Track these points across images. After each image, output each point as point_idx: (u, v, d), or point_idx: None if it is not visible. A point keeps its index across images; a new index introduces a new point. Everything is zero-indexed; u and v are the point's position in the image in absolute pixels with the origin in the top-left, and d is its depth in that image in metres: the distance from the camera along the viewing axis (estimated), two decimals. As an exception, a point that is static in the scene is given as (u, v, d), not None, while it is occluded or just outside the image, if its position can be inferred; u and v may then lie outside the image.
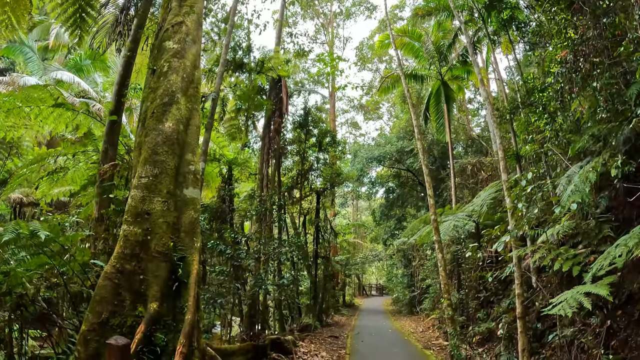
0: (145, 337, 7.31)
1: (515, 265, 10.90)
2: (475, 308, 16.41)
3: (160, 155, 9.04)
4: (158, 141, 9.13)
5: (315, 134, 24.43)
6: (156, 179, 8.84)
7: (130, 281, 7.91)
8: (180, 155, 9.42)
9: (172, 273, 8.37)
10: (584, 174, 9.48)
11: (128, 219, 8.41)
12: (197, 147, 9.90)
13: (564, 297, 7.83)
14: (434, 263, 20.46)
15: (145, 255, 8.25)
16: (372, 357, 15.22)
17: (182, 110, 9.63)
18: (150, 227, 8.48)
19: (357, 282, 61.74)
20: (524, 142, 16.10)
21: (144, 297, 7.91)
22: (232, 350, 11.27)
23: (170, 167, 9.09)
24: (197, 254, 8.69)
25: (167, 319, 7.90)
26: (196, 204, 9.34)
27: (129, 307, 7.72)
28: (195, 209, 9.26)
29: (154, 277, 8.13)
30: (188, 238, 8.87)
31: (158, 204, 8.70)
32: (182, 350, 7.13)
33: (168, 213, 8.79)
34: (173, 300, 8.20)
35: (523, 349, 10.51)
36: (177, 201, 9.11)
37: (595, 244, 9.61)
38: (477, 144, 31.43)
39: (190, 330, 7.44)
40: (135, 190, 8.72)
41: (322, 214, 26.26)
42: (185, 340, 7.27)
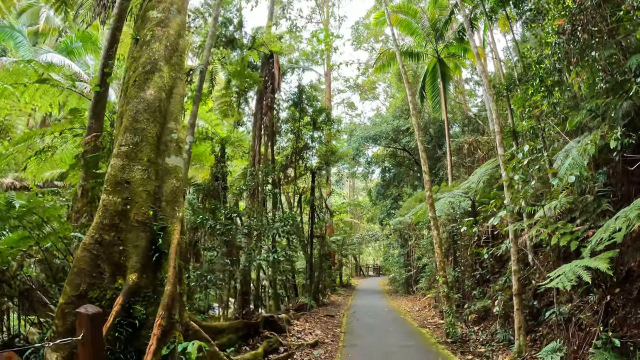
0: (123, 309, 7.05)
1: (512, 241, 10.67)
2: (471, 286, 16.24)
3: (141, 123, 8.72)
4: (139, 109, 8.80)
5: (310, 113, 24.07)
6: (136, 147, 8.52)
7: (109, 252, 7.61)
8: (162, 124, 9.08)
9: (152, 243, 8.07)
10: (582, 147, 9.22)
11: (107, 188, 8.11)
12: (180, 115, 9.54)
13: (562, 271, 7.59)
14: (430, 242, 20.28)
15: (125, 226, 7.95)
16: (367, 335, 15.07)
17: (165, 78, 9.29)
18: (129, 196, 8.18)
19: (354, 262, 61.79)
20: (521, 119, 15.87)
21: (123, 268, 7.63)
22: (222, 328, 11.01)
23: (151, 135, 8.77)
24: (178, 224, 8.39)
25: (147, 291, 7.62)
26: (178, 172, 9.02)
27: (109, 279, 7.43)
28: (178, 178, 8.93)
29: (133, 248, 7.84)
30: (169, 207, 8.56)
31: (138, 172, 8.38)
32: (160, 323, 6.88)
33: (148, 182, 8.47)
34: (153, 272, 7.90)
35: (519, 327, 10.33)
36: (158, 170, 8.79)
37: (594, 218, 9.37)
38: (474, 123, 31.12)
39: (169, 303, 7.16)
40: (115, 159, 8.40)
41: (317, 192, 26.01)
42: (164, 313, 7.01)
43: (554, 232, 8.97)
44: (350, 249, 47.17)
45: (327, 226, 33.98)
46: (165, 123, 9.13)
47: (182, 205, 8.86)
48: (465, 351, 11.99)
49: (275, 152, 23.97)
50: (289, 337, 13.25)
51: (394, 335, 15.00)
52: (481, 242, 16.55)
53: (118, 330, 6.88)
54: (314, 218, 25.19)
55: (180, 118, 9.60)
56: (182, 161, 9.15)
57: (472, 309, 14.85)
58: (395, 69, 31.35)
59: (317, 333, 14.99)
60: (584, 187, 9.83)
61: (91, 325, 4.61)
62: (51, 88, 12.58)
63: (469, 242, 17.49)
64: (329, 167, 26.03)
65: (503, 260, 15.84)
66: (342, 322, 18.34)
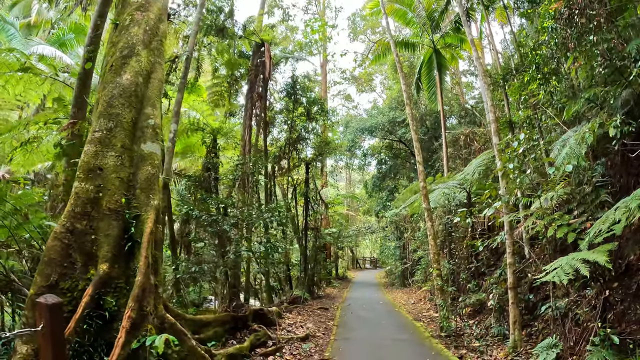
0: (93, 300, 6.73)
1: (507, 233, 10.37)
2: (466, 279, 15.97)
3: (116, 108, 8.36)
4: (114, 94, 8.44)
5: (304, 103, 23.69)
6: (110, 133, 8.16)
7: (81, 241, 7.26)
8: (138, 109, 8.73)
9: (125, 232, 7.74)
10: (579, 135, 8.91)
11: (80, 175, 7.75)
12: (158, 101, 9.15)
13: (559, 264, 7.28)
14: (425, 234, 20.01)
15: (97, 214, 7.60)
16: (360, 329, 14.82)
17: (143, 63, 8.92)
18: (102, 183, 7.82)
19: (350, 255, 61.58)
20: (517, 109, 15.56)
21: (96, 258, 7.28)
22: (207, 321, 10.66)
23: (126, 120, 8.42)
24: (153, 212, 8.02)
25: (119, 281, 7.29)
26: (154, 159, 8.64)
27: (81, 270, 7.08)
28: (154, 165, 8.55)
29: (105, 237, 7.49)
30: (144, 195, 8.20)
31: (111, 158, 8.03)
32: (130, 315, 6.55)
33: (122, 168, 8.12)
34: (126, 262, 7.57)
35: (514, 321, 10.06)
36: (133, 156, 8.44)
37: (592, 210, 9.07)
38: (471, 115, 30.78)
39: (140, 294, 6.83)
40: (89, 145, 8.05)
41: (312, 184, 25.70)
42: (134, 304, 6.68)
43: (550, 224, 8.66)
44: (347, 241, 46.96)
45: (323, 218, 33.72)
46: (142, 108, 8.75)
47: (159, 193, 8.48)
48: (459, 345, 11.72)
49: (269, 143, 23.65)
50: (278, 330, 12.95)
51: (387, 329, 14.75)
52: (477, 234, 16.28)
53: (87, 322, 6.57)
54: (308, 210, 24.91)
55: (159, 104, 9.21)
56: (158, 147, 8.76)
57: (466, 302, 14.59)
58: (391, 60, 30.98)
59: (308, 326, 14.71)
60: (581, 177, 9.52)
61: (50, 315, 4.35)
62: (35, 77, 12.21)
63: (464, 234, 17.22)
64: (322, 158, 25.67)
65: (499, 253, 15.59)
66: (336, 315, 18.08)
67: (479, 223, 16.54)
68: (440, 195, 16.90)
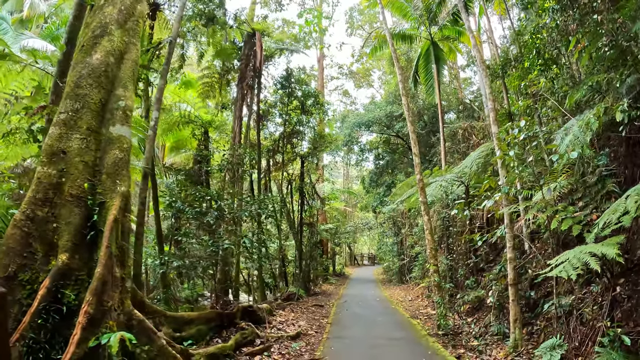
0: (50, 293, 6.20)
1: (507, 227, 9.83)
2: (465, 275, 15.45)
3: (84, 89, 7.81)
4: (83, 74, 7.89)
5: (299, 96, 23.12)
6: (76, 114, 7.61)
7: (42, 230, 6.73)
8: (109, 90, 8.17)
9: (88, 220, 7.20)
10: (584, 121, 8.38)
11: (43, 159, 7.20)
12: (131, 82, 8.56)
13: (565, 258, 6.73)
14: (423, 229, 19.51)
15: (59, 200, 7.06)
16: (354, 327, 14.35)
17: (115, 43, 8.36)
18: (65, 167, 7.26)
19: (348, 251, 61.22)
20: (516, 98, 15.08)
21: (57, 248, 6.75)
22: (190, 318, 10.12)
23: (94, 101, 7.86)
24: (119, 199, 7.47)
25: (80, 273, 6.73)
26: (123, 142, 8.08)
27: (42, 260, 6.55)
28: (122, 149, 7.99)
29: (65, 225, 6.94)
30: (110, 181, 7.64)
31: (76, 141, 7.47)
32: (87, 310, 6.03)
33: (87, 152, 7.56)
34: (89, 253, 7.01)
35: (515, 319, 9.55)
36: (101, 139, 7.88)
37: (597, 201, 8.53)
38: (469, 109, 30.28)
39: (99, 287, 6.29)
40: (53, 128, 7.51)
41: (307, 179, 25.17)
42: (93, 298, 6.14)
43: (553, 216, 8.12)
44: (344, 237, 46.63)
45: (319, 214, 33.34)
46: (113, 90, 8.19)
47: (127, 179, 7.90)
48: (456, 345, 11.23)
49: (263, 137, 23.16)
50: (268, 328, 12.41)
51: (382, 327, 14.28)
52: (475, 228, 15.79)
53: (43, 317, 6.04)
54: (303, 205, 24.41)
55: (132, 85, 8.63)
56: (129, 131, 8.18)
57: (465, 299, 14.08)
58: (388, 54, 30.46)
59: (300, 324, 14.20)
60: (585, 167, 8.97)
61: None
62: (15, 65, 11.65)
63: (462, 229, 16.71)
64: (317, 152, 25.11)
65: (498, 248, 15.11)
66: (331, 313, 17.64)
67: (478, 217, 16.04)
68: (437, 188, 16.38)
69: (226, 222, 11.87)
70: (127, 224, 7.66)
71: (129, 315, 6.92)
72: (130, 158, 8.21)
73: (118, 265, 6.89)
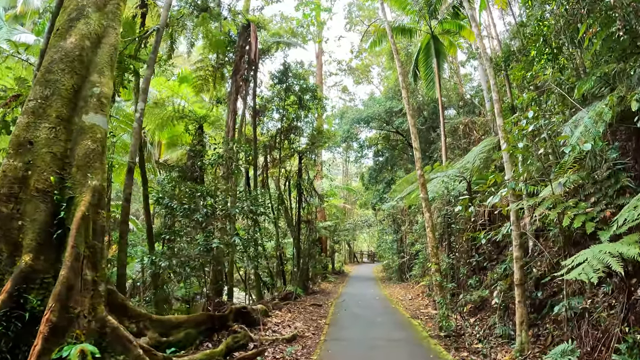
0: (12, 298, 5.67)
1: (513, 224, 9.30)
2: (467, 274, 14.93)
3: (55, 74, 7.27)
4: (55, 58, 7.36)
5: (296, 91, 22.58)
6: (45, 102, 7.06)
7: (7, 228, 6.21)
8: (83, 76, 7.63)
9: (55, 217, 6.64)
10: (596, 112, 7.87)
11: (10, 151, 6.68)
12: (108, 68, 7.98)
13: (583, 258, 6.18)
14: (423, 226, 19.02)
15: (25, 196, 6.51)
16: (353, 327, 13.89)
17: (92, 26, 7.80)
18: (32, 159, 6.72)
19: (347, 249, 60.79)
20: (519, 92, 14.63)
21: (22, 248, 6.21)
22: (178, 322, 9.54)
23: (65, 87, 7.31)
24: (89, 194, 6.93)
25: (46, 276, 6.18)
26: (96, 132, 7.51)
27: (6, 262, 6.03)
28: (95, 139, 7.42)
29: (30, 222, 6.40)
30: (81, 174, 7.09)
31: (44, 131, 6.93)
32: (49, 318, 5.49)
33: (56, 142, 7.01)
34: (56, 253, 6.45)
35: (521, 322, 9.05)
36: (72, 129, 7.33)
37: (611, 196, 8.00)
38: (470, 104, 29.82)
39: (64, 291, 5.75)
40: (21, 117, 7.00)
41: (305, 175, 24.65)
42: (56, 304, 5.61)
43: (564, 213, 7.59)
44: (343, 235, 46.22)
45: (318, 211, 32.90)
46: (88, 75, 7.64)
47: (101, 172, 7.31)
48: (459, 347, 10.74)
49: (260, 132, 22.67)
50: (262, 330, 11.89)
51: (382, 327, 13.81)
52: (477, 226, 15.29)
53: (4, 324, 5.52)
54: (301, 202, 23.93)
55: (109, 71, 8.03)
56: (103, 119, 7.59)
57: (467, 299, 13.58)
58: (388, 47, 30.01)
59: (297, 325, 13.69)
60: (598, 160, 8.43)
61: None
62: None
63: (464, 226, 16.21)
64: (315, 147, 24.59)
65: (500, 246, 14.61)
66: (329, 312, 17.17)
67: (480, 214, 15.53)
68: (439, 184, 15.90)
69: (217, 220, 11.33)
70: (100, 221, 7.07)
71: (102, 322, 6.36)
72: (105, 149, 7.62)
73: (89, 267, 6.33)
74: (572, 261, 6.30)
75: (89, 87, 7.60)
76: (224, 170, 16.01)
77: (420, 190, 13.95)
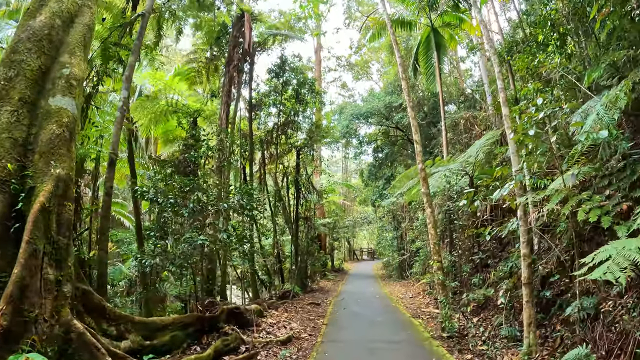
0: None
1: (521, 219, 8.75)
2: (470, 272, 14.37)
3: (20, 54, 6.73)
4: (22, 37, 6.81)
5: (293, 85, 22.01)
6: (9, 84, 6.51)
7: None
8: (52, 56, 7.08)
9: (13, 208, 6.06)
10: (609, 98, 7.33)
11: None
12: (80, 48, 7.39)
13: (605, 255, 5.59)
14: (424, 223, 18.50)
15: None
16: (352, 327, 13.39)
17: (65, 4, 7.25)
18: None
19: (347, 246, 60.34)
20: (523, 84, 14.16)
21: None
22: (163, 324, 8.97)
23: (31, 68, 6.75)
24: (51, 184, 6.37)
25: (2, 275, 5.61)
26: (63, 116, 6.92)
27: None
28: (61, 123, 6.84)
29: None
30: (43, 161, 6.51)
31: (5, 114, 6.36)
32: None
33: (17, 126, 6.45)
34: (15, 249, 5.77)
35: (529, 323, 8.51)
36: (37, 113, 6.77)
37: (627, 188, 7.44)
38: (471, 100, 29.30)
39: (16, 293, 5.21)
40: None
41: (303, 171, 24.10)
42: (7, 307, 5.08)
43: (577, 206, 7.01)
44: (342, 232, 45.83)
45: (317, 208, 32.44)
46: (58, 56, 7.08)
47: (67, 159, 6.70)
48: (463, 349, 10.25)
49: (257, 127, 22.15)
50: (256, 332, 11.30)
51: (382, 328, 13.32)
52: (479, 222, 14.76)
53: None
54: (299, 198, 23.39)
55: (82, 52, 7.42)
56: (72, 103, 6.98)
57: (470, 297, 13.03)
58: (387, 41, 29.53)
59: (293, 326, 13.13)
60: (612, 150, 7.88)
61: None
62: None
63: (467, 222, 15.67)
64: (313, 142, 24.02)
65: (503, 243, 14.08)
66: (327, 312, 16.69)
67: (482, 210, 15.00)
68: (441, 178, 15.37)
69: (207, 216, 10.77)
70: (66, 214, 6.47)
71: (67, 327, 5.78)
72: (74, 135, 7.00)
73: (51, 266, 5.75)
74: (592, 259, 5.73)
75: (58, 69, 7.03)
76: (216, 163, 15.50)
77: (422, 185, 13.41)
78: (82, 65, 7.36)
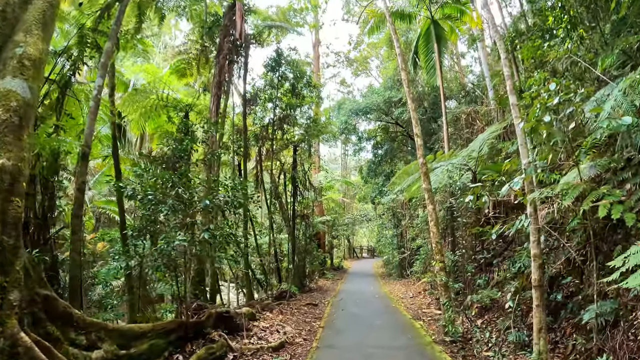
0: None
1: (531, 216, 8.05)
2: (473, 272, 13.68)
3: None
4: None
5: (290, 79, 21.34)
6: None
7: None
8: (7, 35, 6.36)
9: None
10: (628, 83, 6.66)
11: None
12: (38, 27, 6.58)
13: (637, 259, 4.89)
14: (425, 220, 17.84)
15: None
16: (349, 331, 12.74)
17: None
18: None
19: (347, 244, 59.84)
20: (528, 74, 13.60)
21: None
22: (141, 331, 8.23)
23: None
24: None
25: None
26: (11, 99, 6.11)
27: None
28: (8, 107, 6.02)
29: None
30: None
31: None
32: None
33: None
34: None
35: (540, 328, 7.82)
36: None
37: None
38: (472, 94, 28.70)
39: None
40: None
41: (300, 167, 23.45)
42: None
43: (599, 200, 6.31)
44: (342, 230, 45.28)
45: (316, 206, 31.85)
46: (12, 35, 6.34)
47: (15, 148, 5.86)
48: (467, 355, 9.63)
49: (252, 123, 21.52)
50: (246, 337, 10.59)
51: (381, 331, 12.66)
52: (482, 219, 14.12)
53: None
54: (296, 195, 22.74)
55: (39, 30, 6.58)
56: (22, 85, 6.16)
57: (474, 299, 12.35)
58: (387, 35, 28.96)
59: (287, 330, 12.42)
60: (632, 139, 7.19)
61: None
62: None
63: (470, 220, 15.01)
64: (310, 137, 23.35)
65: (507, 241, 13.43)
66: (324, 313, 16.09)
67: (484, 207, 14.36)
68: (442, 173, 14.74)
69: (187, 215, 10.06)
70: (12, 211, 5.74)
71: (13, 340, 5.10)
72: (26, 122, 6.21)
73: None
74: (623, 261, 5.01)
75: (11, 48, 6.30)
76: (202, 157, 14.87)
77: (423, 181, 12.73)
78: (39, 44, 6.58)
